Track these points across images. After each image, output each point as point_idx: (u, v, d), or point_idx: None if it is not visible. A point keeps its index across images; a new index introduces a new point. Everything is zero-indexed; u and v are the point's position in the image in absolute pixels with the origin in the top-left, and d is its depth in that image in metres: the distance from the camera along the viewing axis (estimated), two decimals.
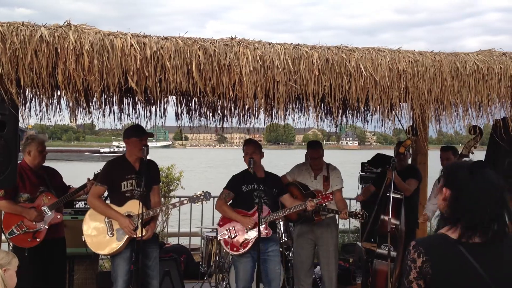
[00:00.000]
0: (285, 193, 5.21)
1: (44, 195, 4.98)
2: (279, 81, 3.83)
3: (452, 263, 2.11)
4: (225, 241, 5.06)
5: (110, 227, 4.66)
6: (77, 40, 3.53)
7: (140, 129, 4.92)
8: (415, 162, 6.43)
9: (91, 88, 3.56)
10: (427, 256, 2.13)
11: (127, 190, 4.70)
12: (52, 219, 4.96)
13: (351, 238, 9.03)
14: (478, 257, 2.10)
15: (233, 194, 5.10)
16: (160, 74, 3.63)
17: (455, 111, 4.44)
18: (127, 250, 4.61)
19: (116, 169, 4.74)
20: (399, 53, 4.20)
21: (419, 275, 2.14)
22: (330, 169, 5.63)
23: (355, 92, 4.00)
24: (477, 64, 4.33)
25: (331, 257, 5.54)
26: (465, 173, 2.20)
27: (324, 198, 5.02)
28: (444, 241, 2.16)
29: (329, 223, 5.57)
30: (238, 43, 3.84)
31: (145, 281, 4.73)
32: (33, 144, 5.01)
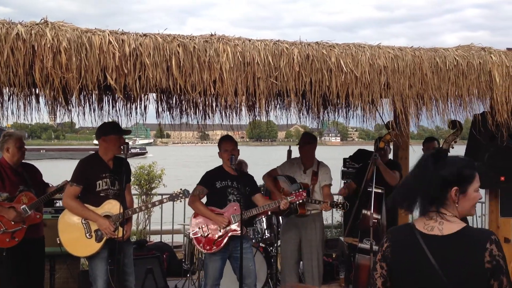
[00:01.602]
0: (258, 193, 5.15)
1: (23, 194, 4.89)
2: (260, 78, 3.82)
3: (408, 251, 2.23)
4: (197, 239, 4.99)
5: (88, 229, 4.58)
6: (54, 38, 3.47)
7: (118, 126, 4.87)
8: (397, 157, 6.48)
9: (69, 86, 3.50)
10: (390, 242, 2.31)
11: (102, 189, 4.62)
12: (31, 218, 4.89)
13: (334, 233, 9.08)
14: (433, 249, 2.18)
15: (207, 190, 5.05)
16: (139, 71, 3.59)
17: (435, 106, 4.48)
18: (104, 250, 4.57)
19: (90, 168, 4.65)
20: (379, 49, 4.21)
21: (382, 258, 2.31)
22: (320, 166, 5.67)
23: (335, 88, 4.00)
24: (457, 59, 4.37)
25: (314, 253, 5.55)
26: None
27: (297, 196, 4.99)
28: (408, 229, 2.29)
29: (314, 219, 5.58)
30: (218, 39, 3.82)
31: (122, 278, 4.69)
32: (10, 141, 4.92)
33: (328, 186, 5.61)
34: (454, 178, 2.23)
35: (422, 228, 2.24)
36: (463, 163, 2.29)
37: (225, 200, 4.96)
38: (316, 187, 5.57)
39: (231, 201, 4.96)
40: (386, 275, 2.28)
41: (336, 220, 9.24)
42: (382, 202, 5.36)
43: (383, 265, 2.29)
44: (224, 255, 4.98)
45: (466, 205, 2.27)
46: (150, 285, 6.04)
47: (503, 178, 4.92)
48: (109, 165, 4.70)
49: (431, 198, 2.25)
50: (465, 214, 2.30)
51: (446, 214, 2.23)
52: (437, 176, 2.23)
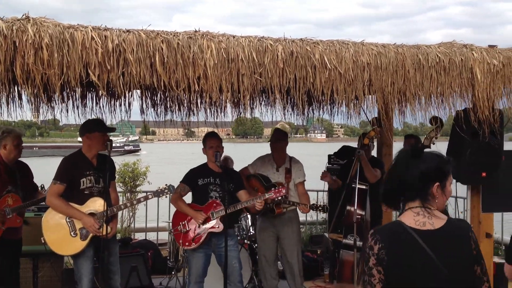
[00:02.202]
0: (242, 189, 5.12)
1: (10, 196, 4.83)
2: (244, 74, 3.82)
3: (406, 249, 2.22)
4: (177, 235, 5.00)
5: (72, 227, 4.54)
6: (36, 34, 3.43)
7: (102, 123, 4.83)
8: (380, 154, 6.52)
9: (51, 83, 3.47)
10: (382, 243, 2.24)
11: (86, 187, 4.59)
12: (11, 221, 4.82)
13: (318, 230, 9.11)
14: (429, 243, 2.20)
15: (189, 188, 5.04)
16: (122, 67, 3.57)
17: (418, 103, 4.51)
18: (89, 248, 4.54)
19: (74, 166, 4.60)
20: (362, 46, 4.23)
21: (378, 262, 2.25)
22: (293, 162, 5.63)
23: (319, 84, 4.01)
24: (439, 56, 4.41)
25: (293, 250, 5.54)
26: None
27: (276, 192, 4.95)
28: (399, 228, 2.27)
29: (290, 217, 5.58)
30: (202, 36, 3.81)
31: (107, 277, 4.67)
32: (9, 138, 4.86)
33: (302, 183, 5.58)
34: (435, 174, 2.28)
35: (414, 224, 2.24)
36: (441, 159, 2.34)
37: (206, 197, 4.95)
38: (290, 185, 5.53)
39: (212, 197, 4.95)
40: (384, 279, 2.25)
41: (321, 217, 9.27)
42: (366, 198, 5.40)
43: (379, 269, 2.24)
44: (207, 251, 4.97)
45: (443, 199, 2.33)
46: (135, 283, 6.03)
47: (484, 174, 4.97)
48: (93, 163, 4.66)
49: (414, 194, 2.27)
50: (441, 207, 2.35)
51: (431, 208, 2.27)
52: (417, 172, 2.26)
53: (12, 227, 4.85)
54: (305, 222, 8.90)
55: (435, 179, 2.27)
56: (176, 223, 5.03)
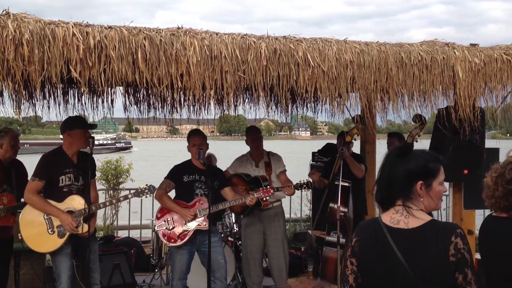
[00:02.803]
0: (226, 187, 5.13)
1: (5, 195, 4.81)
2: (227, 71, 3.81)
3: (375, 245, 2.24)
4: (162, 232, 4.98)
5: (50, 224, 4.49)
6: (16, 29, 3.38)
7: (83, 120, 4.79)
8: (364, 151, 6.55)
9: (32, 79, 3.43)
10: (358, 237, 2.32)
11: (65, 184, 4.54)
12: (5, 220, 4.80)
13: (302, 227, 9.14)
14: (398, 242, 2.19)
15: (174, 184, 5.03)
16: (104, 64, 3.54)
17: (401, 101, 4.55)
18: (67, 246, 4.50)
19: (54, 163, 4.56)
20: (345, 44, 4.25)
21: (352, 253, 2.31)
22: (271, 155, 5.68)
23: (303, 82, 4.02)
24: (421, 54, 4.44)
25: (279, 246, 5.56)
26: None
27: (265, 192, 4.98)
28: (375, 224, 2.30)
29: (277, 213, 5.60)
30: (184, 33, 3.79)
31: (87, 274, 4.63)
32: (6, 137, 4.84)
33: (283, 172, 5.62)
34: (419, 172, 2.25)
35: (388, 222, 2.25)
36: (428, 157, 2.32)
37: (192, 194, 4.95)
38: (272, 177, 5.57)
39: (198, 195, 4.95)
40: (356, 271, 2.28)
41: (305, 214, 9.31)
42: (349, 195, 5.43)
43: (353, 260, 2.29)
44: (192, 248, 4.97)
45: (432, 199, 2.28)
46: (117, 280, 5.99)
47: (466, 171, 5.02)
48: (73, 160, 4.61)
49: (397, 192, 2.27)
50: (432, 207, 2.31)
51: (412, 207, 2.24)
52: (402, 170, 2.25)
53: (5, 226, 4.83)
54: (289, 219, 8.92)
55: (419, 177, 2.25)
56: (161, 219, 5.01)
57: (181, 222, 4.92)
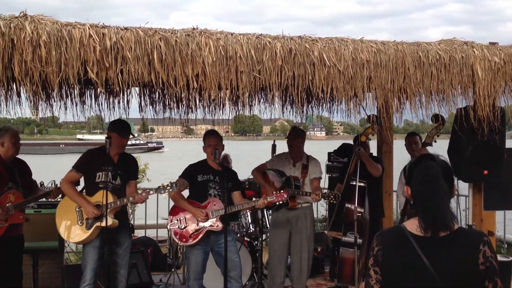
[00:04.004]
0: (237, 190, 5.13)
1: (11, 192, 4.83)
2: (243, 72, 3.81)
3: (401, 254, 2.20)
4: (174, 230, 5.00)
5: (80, 216, 4.71)
6: (34, 31, 3.43)
7: (122, 126, 4.89)
8: (380, 151, 6.50)
9: (50, 80, 3.47)
10: (381, 245, 2.27)
11: (101, 181, 4.73)
12: (14, 218, 4.82)
13: (319, 227, 9.10)
14: (427, 250, 2.16)
15: (188, 183, 5.04)
16: (121, 65, 3.57)
17: (418, 100, 4.50)
18: (97, 239, 4.67)
19: (93, 159, 4.75)
20: (362, 43, 4.21)
21: (375, 262, 2.27)
22: (310, 159, 5.64)
23: (318, 82, 4.00)
24: (439, 53, 4.39)
25: (304, 246, 5.50)
26: (412, 168, 2.32)
27: (278, 196, 4.92)
28: (399, 232, 2.25)
29: (305, 214, 5.55)
30: (200, 33, 3.80)
31: (113, 269, 4.82)
32: (6, 136, 4.88)
33: (317, 179, 5.58)
34: (453, 176, 2.30)
35: (415, 230, 2.21)
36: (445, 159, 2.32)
37: (205, 194, 4.95)
38: (306, 180, 5.54)
39: (211, 195, 4.95)
40: (381, 280, 2.24)
41: (321, 214, 9.27)
42: (365, 195, 5.38)
43: (376, 269, 2.25)
44: (206, 248, 4.97)
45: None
46: (135, 279, 6.02)
47: (486, 172, 4.95)
48: (114, 160, 4.80)
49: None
50: None
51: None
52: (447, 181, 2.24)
53: (15, 224, 4.87)
54: None
55: (452, 184, 2.27)
56: (173, 218, 5.03)
57: (194, 222, 4.93)
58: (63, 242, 6.16)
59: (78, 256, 7.43)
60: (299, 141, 5.62)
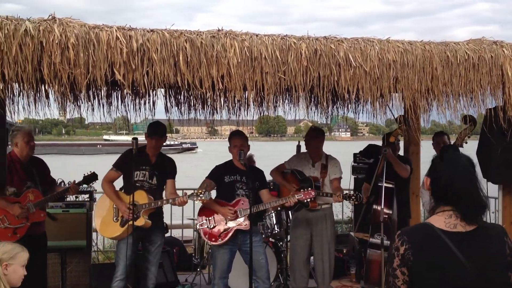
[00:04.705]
0: (265, 189, 5.15)
1: (30, 191, 4.91)
2: (268, 73, 3.81)
3: (433, 251, 2.17)
4: (204, 230, 5.04)
5: (116, 213, 4.91)
6: (62, 34, 3.49)
7: (149, 127, 5.03)
8: (407, 152, 6.42)
9: (77, 82, 3.53)
10: (409, 244, 2.20)
11: (138, 180, 4.88)
12: (35, 216, 4.90)
13: (344, 229, 9.05)
14: (459, 245, 2.15)
15: (215, 184, 5.07)
16: (147, 66, 3.61)
17: (446, 101, 4.43)
18: (130, 236, 4.77)
19: (132, 158, 4.83)
20: (388, 43, 4.17)
21: (402, 262, 2.21)
22: (329, 159, 5.60)
23: (344, 82, 3.97)
24: (468, 53, 4.32)
25: (325, 248, 5.48)
26: (437, 160, 2.32)
27: (305, 194, 4.92)
28: (427, 229, 2.22)
29: (325, 215, 5.52)
30: (225, 34, 3.81)
31: (144, 266, 5.00)
32: (19, 135, 4.94)
33: (337, 179, 5.53)
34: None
35: (444, 226, 2.20)
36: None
37: (233, 194, 4.98)
38: (326, 180, 5.50)
39: (239, 195, 4.98)
40: (409, 280, 2.21)
41: (347, 216, 9.21)
42: (393, 196, 5.31)
43: (404, 270, 2.20)
44: (233, 248, 5.00)
45: None
46: (161, 279, 6.07)
47: None
48: (151, 160, 4.95)
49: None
50: None
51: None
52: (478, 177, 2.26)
53: (36, 222, 4.95)
54: None
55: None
56: (202, 218, 5.07)
57: (222, 221, 4.96)
58: (90, 241, 6.26)
59: (106, 255, 7.53)
60: (317, 141, 5.58)
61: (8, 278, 2.93)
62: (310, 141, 5.58)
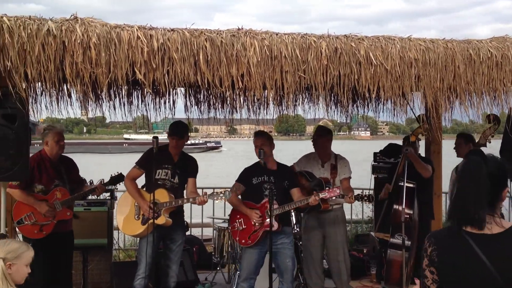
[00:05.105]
0: (295, 187, 5.11)
1: (58, 189, 5.00)
2: (287, 71, 3.80)
3: (458, 253, 2.18)
4: (234, 232, 5.09)
5: (137, 211, 4.95)
6: (84, 33, 3.53)
7: (174, 127, 5.04)
8: (429, 152, 6.35)
9: (99, 81, 3.56)
10: (435, 246, 2.25)
11: (160, 178, 4.91)
12: (61, 214, 4.98)
13: (364, 229, 8.97)
14: (484, 247, 2.14)
15: (244, 187, 5.07)
16: (167, 65, 3.63)
17: (469, 99, 4.37)
18: (151, 234, 4.78)
19: (155, 156, 4.85)
20: (410, 41, 4.13)
21: (430, 263, 2.25)
22: (338, 159, 5.55)
23: (365, 81, 3.95)
24: (491, 51, 4.26)
25: (339, 248, 5.45)
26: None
27: (330, 192, 4.89)
28: (454, 231, 2.23)
29: (337, 215, 5.49)
30: (245, 33, 3.82)
31: (165, 264, 5.04)
32: (50, 135, 5.03)
33: (347, 179, 5.49)
34: (504, 178, 2.24)
35: (470, 228, 2.18)
36: (499, 160, 2.27)
37: (261, 195, 4.97)
38: (336, 181, 5.46)
39: (267, 196, 4.95)
40: (438, 279, 2.23)
41: (367, 215, 9.14)
42: (414, 196, 5.26)
43: (432, 269, 2.24)
44: (262, 249, 4.98)
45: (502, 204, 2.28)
46: (181, 277, 6.09)
47: None
48: (174, 159, 4.99)
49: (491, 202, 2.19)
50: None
51: (493, 215, 2.19)
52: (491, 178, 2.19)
53: (63, 220, 5.02)
54: (350, 221, 8.80)
55: (504, 183, 2.23)
56: (233, 220, 5.10)
57: (251, 223, 4.97)
58: (112, 239, 6.32)
59: (126, 254, 7.60)
60: (324, 140, 5.54)
61: (11, 276, 2.94)
62: (317, 140, 5.55)
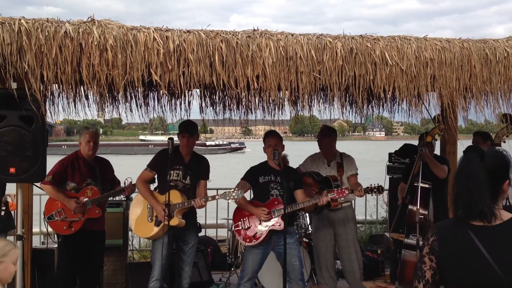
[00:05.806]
0: (300, 188, 5.08)
1: (89, 188, 5.10)
2: (303, 72, 3.80)
3: (457, 243, 2.21)
4: (238, 231, 5.05)
5: (151, 213, 4.95)
6: (101, 35, 3.56)
7: (183, 125, 5.06)
8: (444, 152, 6.31)
9: (116, 83, 3.59)
10: (437, 235, 2.28)
11: (173, 179, 4.90)
12: (90, 212, 5.07)
13: (378, 229, 8.93)
14: (484, 239, 2.15)
15: (250, 185, 5.08)
16: (183, 67, 3.65)
17: (485, 100, 4.34)
18: (165, 236, 4.81)
19: (166, 158, 4.87)
20: (425, 41, 4.11)
21: (430, 251, 2.28)
22: (344, 156, 5.57)
23: (380, 81, 3.94)
24: (507, 50, 4.23)
25: (351, 247, 5.44)
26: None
27: (339, 193, 4.88)
28: (456, 223, 2.26)
29: (347, 214, 5.48)
30: (260, 34, 3.83)
31: (178, 266, 5.03)
32: (82, 135, 5.19)
33: (354, 175, 5.49)
34: (505, 171, 2.24)
35: (476, 222, 2.19)
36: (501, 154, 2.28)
37: (267, 195, 4.98)
38: (343, 178, 5.47)
39: (273, 195, 4.97)
40: (435, 267, 2.26)
41: (381, 216, 9.10)
42: (429, 197, 5.23)
43: (432, 257, 2.26)
44: (266, 249, 4.99)
45: (505, 195, 2.28)
46: (195, 278, 6.12)
47: None
48: (185, 159, 4.98)
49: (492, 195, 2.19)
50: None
51: (496, 207, 2.20)
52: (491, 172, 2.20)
53: (92, 218, 5.10)
54: (364, 221, 8.76)
55: (504, 176, 2.23)
56: (237, 219, 5.09)
57: (257, 222, 4.97)
58: (127, 240, 6.37)
59: (141, 254, 7.64)
60: (329, 140, 5.55)
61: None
62: (322, 140, 5.57)
